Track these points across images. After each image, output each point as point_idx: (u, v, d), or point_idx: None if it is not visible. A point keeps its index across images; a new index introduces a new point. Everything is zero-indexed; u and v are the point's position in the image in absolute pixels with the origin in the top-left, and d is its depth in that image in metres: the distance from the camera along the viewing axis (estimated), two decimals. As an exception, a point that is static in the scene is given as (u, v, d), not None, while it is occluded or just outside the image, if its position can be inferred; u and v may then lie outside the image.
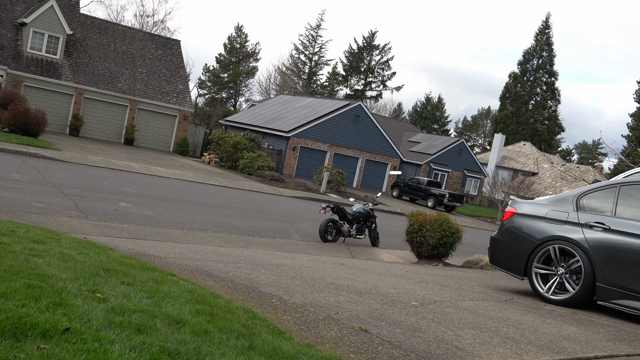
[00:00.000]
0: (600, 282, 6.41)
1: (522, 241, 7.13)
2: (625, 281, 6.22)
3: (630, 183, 6.67)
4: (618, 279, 6.28)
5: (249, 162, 32.25)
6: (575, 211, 6.86)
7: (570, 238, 6.65)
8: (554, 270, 6.85)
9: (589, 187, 7.05)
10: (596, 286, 6.45)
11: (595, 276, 6.43)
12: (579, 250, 6.56)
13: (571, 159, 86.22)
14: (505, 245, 7.41)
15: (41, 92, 32.85)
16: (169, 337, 3.65)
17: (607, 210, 6.62)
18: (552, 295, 6.81)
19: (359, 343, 4.37)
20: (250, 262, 7.81)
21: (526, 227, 7.15)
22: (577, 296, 6.58)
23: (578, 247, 6.57)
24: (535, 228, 7.05)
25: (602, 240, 6.44)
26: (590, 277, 6.44)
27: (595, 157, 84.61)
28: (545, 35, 69.28)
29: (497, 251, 7.54)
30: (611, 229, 6.43)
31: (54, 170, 17.74)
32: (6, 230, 6.87)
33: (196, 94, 69.30)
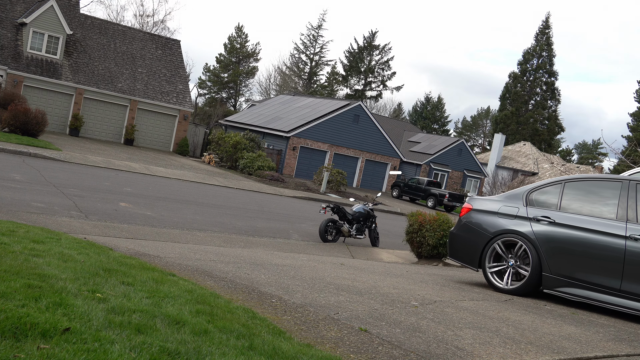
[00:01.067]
0: (546, 271, 6.89)
1: (477, 235, 7.55)
2: (569, 270, 6.73)
3: (574, 179, 7.23)
4: (562, 269, 6.78)
5: (249, 162, 32.25)
6: (524, 206, 7.32)
7: (520, 231, 7.12)
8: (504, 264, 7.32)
9: (537, 183, 7.56)
10: (543, 276, 6.92)
11: (542, 266, 6.91)
12: (527, 242, 7.03)
13: (571, 159, 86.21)
14: (462, 239, 7.83)
15: (41, 92, 32.85)
16: (169, 337, 3.65)
17: (553, 205, 7.14)
18: (500, 283, 7.30)
19: (359, 343, 4.37)
20: (250, 262, 7.81)
21: (481, 221, 7.59)
22: (524, 285, 7.04)
23: (526, 240, 7.04)
24: (489, 222, 7.50)
25: (548, 233, 6.93)
26: (537, 267, 6.92)
27: (595, 157, 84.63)
28: (545, 35, 69.28)
29: (455, 245, 7.96)
30: (556, 222, 6.93)
31: (54, 170, 17.75)
32: (6, 230, 6.87)
33: (196, 94, 69.36)
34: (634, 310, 6.33)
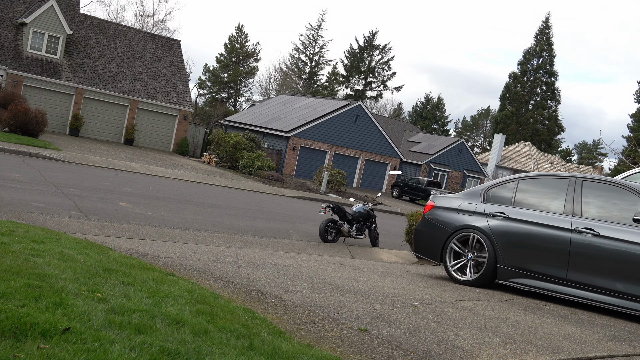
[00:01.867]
0: (501, 264, 7.34)
1: (438, 230, 7.99)
2: (521, 262, 7.17)
3: (527, 177, 7.75)
4: (515, 261, 7.22)
5: (249, 162, 32.25)
6: (482, 203, 7.77)
7: (477, 226, 7.58)
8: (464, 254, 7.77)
9: (495, 181, 8.04)
10: (498, 268, 7.37)
11: (497, 259, 7.36)
12: (482, 235, 7.48)
13: (571, 159, 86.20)
14: (425, 235, 8.26)
15: (41, 92, 32.85)
16: (169, 337, 3.65)
17: (507, 201, 7.60)
18: (459, 275, 7.77)
19: (359, 343, 4.37)
20: (250, 262, 7.81)
21: (442, 218, 8.03)
22: (481, 277, 7.50)
23: (483, 234, 7.47)
24: (449, 218, 7.94)
25: (502, 228, 7.37)
26: (492, 259, 7.36)
27: (595, 157, 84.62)
28: (545, 35, 69.29)
29: (419, 240, 8.39)
30: (509, 217, 7.37)
31: (54, 170, 17.75)
32: (6, 230, 6.87)
33: (196, 94, 69.38)
34: (578, 298, 6.77)
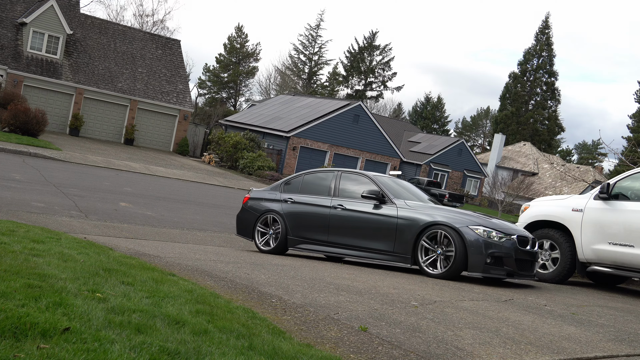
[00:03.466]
0: (289, 235, 9.60)
1: (251, 214, 10.18)
2: (302, 232, 9.50)
3: (309, 172, 10.26)
4: (298, 232, 9.53)
5: (249, 162, 32.25)
6: (281, 193, 10.05)
7: (275, 209, 9.85)
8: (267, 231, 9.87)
9: (291, 176, 10.40)
10: (287, 238, 9.62)
11: (287, 232, 9.59)
12: (278, 215, 9.75)
13: (571, 159, 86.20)
14: (242, 220, 10.38)
15: (41, 92, 32.85)
16: (168, 337, 3.65)
17: (296, 189, 9.97)
18: (264, 247, 9.85)
19: (359, 343, 4.37)
20: (250, 261, 7.81)
21: (254, 205, 10.26)
22: (277, 246, 9.67)
23: (277, 214, 9.77)
24: (259, 205, 10.17)
25: (290, 209, 9.70)
26: (284, 232, 9.62)
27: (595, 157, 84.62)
28: (545, 35, 69.28)
29: (239, 224, 10.49)
30: (295, 201, 9.73)
31: (54, 170, 17.75)
32: (6, 230, 6.87)
33: (196, 94, 69.35)
34: (335, 253, 9.32)
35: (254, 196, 10.42)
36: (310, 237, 9.40)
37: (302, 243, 9.48)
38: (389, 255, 8.58)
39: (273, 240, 9.74)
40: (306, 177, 10.06)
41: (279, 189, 10.15)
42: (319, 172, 10.17)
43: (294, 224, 9.56)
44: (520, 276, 8.30)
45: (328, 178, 9.71)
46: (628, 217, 8.44)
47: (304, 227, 9.46)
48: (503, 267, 8.01)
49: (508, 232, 8.16)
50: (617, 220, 8.55)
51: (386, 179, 9.61)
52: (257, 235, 9.96)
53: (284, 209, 9.71)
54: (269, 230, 9.84)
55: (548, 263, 9.37)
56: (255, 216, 10.04)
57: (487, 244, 7.86)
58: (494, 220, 8.53)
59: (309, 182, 9.92)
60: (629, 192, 8.70)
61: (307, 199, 9.60)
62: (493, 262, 7.91)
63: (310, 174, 10.17)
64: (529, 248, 8.32)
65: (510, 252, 8.00)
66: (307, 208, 9.51)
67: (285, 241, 9.61)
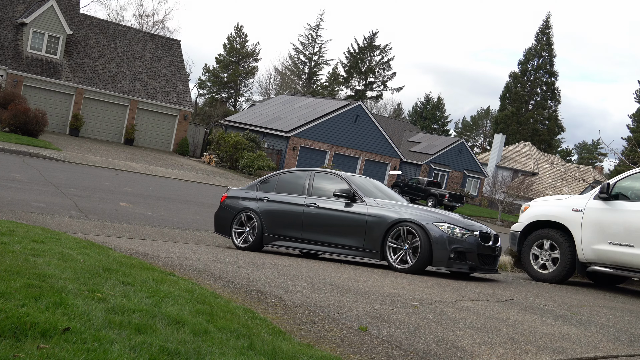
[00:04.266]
0: (265, 232, 9.92)
1: (229, 213, 10.48)
2: (277, 230, 9.82)
3: (284, 172, 10.61)
4: (274, 229, 9.84)
5: (249, 162, 32.25)
6: (257, 192, 10.37)
7: (251, 207, 10.18)
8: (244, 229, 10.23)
9: (266, 176, 10.69)
10: (263, 236, 9.92)
11: (263, 229, 9.91)
12: (254, 214, 10.07)
13: (571, 159, 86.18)
14: (220, 217, 10.67)
15: (41, 92, 32.85)
16: (168, 337, 3.65)
17: (272, 189, 10.28)
18: (241, 244, 10.10)
19: (359, 343, 4.37)
20: (250, 261, 7.81)
21: (232, 204, 10.56)
22: (253, 243, 9.97)
23: (254, 212, 10.09)
24: (236, 204, 10.48)
25: (266, 207, 10.03)
26: (260, 230, 9.94)
27: (595, 157, 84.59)
28: (545, 35, 69.27)
29: (217, 222, 10.77)
30: (270, 199, 10.05)
31: (54, 170, 17.75)
32: (6, 230, 6.87)
33: (196, 94, 69.35)
34: (308, 250, 9.61)
35: (232, 195, 10.75)
36: (285, 235, 9.72)
37: (278, 240, 9.79)
38: (359, 251, 8.95)
39: (249, 237, 10.07)
40: (281, 177, 10.40)
41: (256, 188, 10.49)
42: (293, 172, 10.53)
43: (269, 221, 9.89)
44: (483, 270, 8.70)
45: (302, 177, 10.07)
46: (628, 217, 8.44)
47: (279, 224, 9.80)
48: (466, 262, 8.43)
49: (471, 228, 8.60)
50: (617, 220, 8.55)
51: (358, 179, 10.01)
52: (234, 233, 10.28)
53: (260, 208, 10.06)
54: (245, 228, 10.18)
55: (548, 263, 9.36)
56: (233, 214, 10.36)
57: (451, 239, 8.30)
58: (458, 217, 8.97)
59: (284, 181, 10.27)
60: (629, 192, 8.69)
61: (282, 198, 9.95)
62: (456, 256, 8.33)
63: (286, 173, 10.54)
64: (490, 244, 8.78)
65: (472, 248, 8.42)
66: (282, 206, 9.87)
67: (261, 238, 9.93)
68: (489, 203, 49.95)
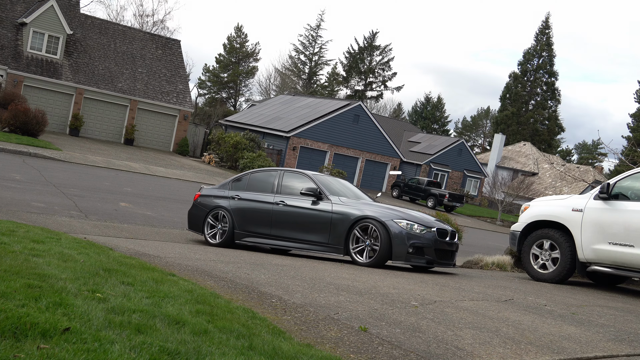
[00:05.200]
0: (236, 229, 10.27)
1: (201, 210, 10.81)
2: (247, 226, 10.20)
3: (255, 171, 11.02)
4: (244, 226, 10.22)
5: (249, 162, 32.25)
6: (229, 190, 10.76)
7: (223, 205, 10.53)
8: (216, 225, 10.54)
9: (238, 175, 11.07)
10: (234, 232, 10.28)
11: (234, 226, 10.28)
12: (225, 211, 10.41)
13: (571, 159, 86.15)
14: (194, 215, 10.96)
15: (41, 92, 32.85)
16: (168, 337, 3.65)
17: (243, 187, 10.67)
18: (212, 240, 10.45)
19: (359, 343, 4.37)
20: (250, 262, 7.81)
21: (205, 202, 10.90)
22: (225, 240, 10.30)
23: (225, 210, 10.43)
24: (209, 202, 10.82)
25: (237, 205, 10.41)
26: (232, 226, 10.28)
27: (594, 157, 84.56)
28: (545, 35, 69.26)
29: (190, 219, 11.08)
30: (241, 198, 10.44)
31: (54, 170, 17.75)
32: (6, 230, 6.87)
33: (196, 94, 69.35)
34: (277, 245, 9.97)
35: (204, 193, 11.12)
36: (255, 231, 10.12)
37: (248, 237, 10.19)
38: (325, 246, 9.41)
39: (221, 234, 10.41)
40: (252, 176, 10.84)
41: (228, 186, 10.91)
42: (264, 171, 10.97)
43: (240, 219, 10.27)
44: (440, 264, 9.27)
45: (272, 176, 10.52)
46: (628, 217, 8.44)
47: (250, 221, 10.19)
48: (424, 256, 8.99)
49: (429, 225, 9.13)
50: (617, 220, 8.55)
51: (324, 178, 10.52)
52: (207, 230, 10.60)
53: (232, 205, 10.44)
54: (217, 225, 10.52)
55: (548, 263, 9.36)
56: (205, 212, 10.70)
57: (410, 235, 8.81)
58: (417, 214, 9.53)
59: (255, 180, 10.68)
60: (629, 192, 8.69)
61: (252, 196, 10.35)
62: (414, 251, 8.86)
63: (256, 172, 10.99)
64: (448, 239, 9.31)
65: (430, 243, 8.96)
66: (252, 204, 10.27)
67: (232, 235, 10.30)
68: (489, 203, 49.95)
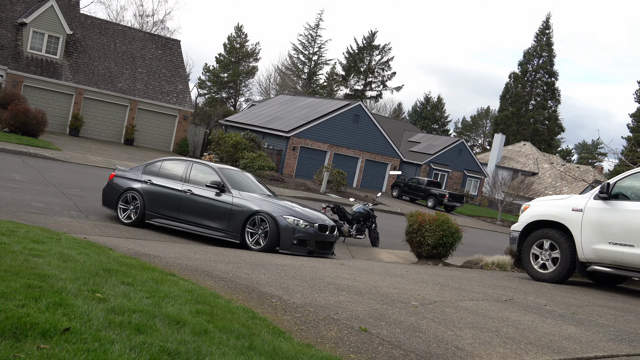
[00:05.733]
0: (147, 210, 11.23)
1: (115, 190, 11.71)
2: (157, 209, 11.18)
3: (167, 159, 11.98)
4: (154, 208, 11.21)
5: (249, 162, 32.24)
6: (142, 174, 11.70)
7: (136, 188, 11.47)
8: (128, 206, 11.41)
9: (151, 161, 11.96)
10: (145, 213, 11.25)
11: (145, 207, 11.24)
12: (138, 194, 11.36)
13: (571, 159, 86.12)
14: (108, 193, 11.90)
15: (41, 92, 32.84)
16: (169, 337, 3.65)
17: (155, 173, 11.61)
18: (125, 220, 11.28)
19: (359, 343, 4.37)
20: (250, 261, 7.81)
21: (119, 182, 11.81)
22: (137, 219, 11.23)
23: (138, 192, 11.37)
24: (123, 183, 11.73)
25: (148, 188, 11.39)
26: (142, 208, 11.26)
27: (594, 157, 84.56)
28: (545, 35, 69.24)
29: (105, 197, 11.97)
30: (152, 182, 11.42)
31: (54, 170, 17.75)
32: (6, 230, 6.87)
33: (196, 94, 69.30)
34: (183, 228, 10.97)
35: (119, 175, 12.02)
36: (164, 214, 11.17)
37: (158, 218, 11.18)
38: (224, 232, 10.67)
39: (133, 214, 11.32)
40: (164, 163, 11.82)
41: (140, 170, 11.87)
42: (175, 160, 12.08)
43: (151, 201, 11.25)
44: (320, 254, 10.78)
45: (182, 166, 11.61)
46: (628, 217, 8.43)
47: (160, 205, 11.21)
48: (306, 247, 10.56)
49: (312, 221, 10.71)
50: (617, 220, 8.55)
51: (231, 172, 11.69)
52: (120, 209, 11.49)
53: (144, 189, 11.41)
54: (129, 206, 11.41)
55: (548, 263, 9.36)
56: (119, 192, 11.60)
57: (295, 229, 10.38)
58: (305, 211, 11.01)
59: (167, 167, 11.69)
60: (629, 191, 8.69)
61: (163, 182, 11.37)
62: (298, 243, 10.46)
63: (168, 160, 11.99)
64: (327, 233, 10.93)
65: (311, 237, 10.58)
66: (163, 190, 11.28)
67: (143, 216, 11.26)
68: (489, 203, 49.95)
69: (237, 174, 11.87)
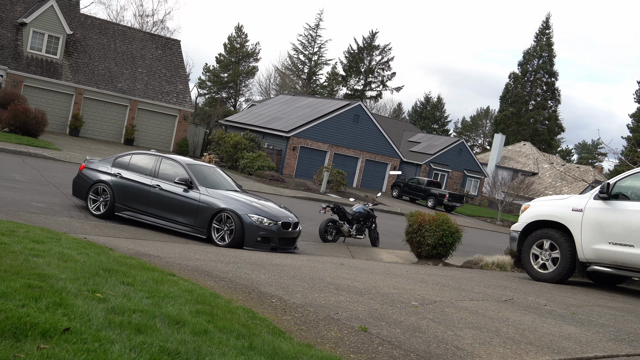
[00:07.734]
0: (116, 203, 11.41)
1: (85, 182, 11.89)
2: (127, 202, 11.38)
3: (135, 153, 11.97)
4: (124, 201, 11.39)
5: (249, 162, 32.24)
6: (112, 167, 11.84)
7: (105, 180, 11.65)
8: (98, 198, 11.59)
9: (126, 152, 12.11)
10: (115, 205, 11.45)
11: (115, 200, 11.45)
12: (107, 186, 11.54)
13: (571, 159, 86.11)
14: (78, 184, 12.08)
15: (41, 92, 32.83)
16: (169, 337, 3.65)
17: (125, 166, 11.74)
18: (95, 211, 11.49)
19: (359, 343, 4.37)
20: (250, 262, 7.81)
21: (89, 174, 11.98)
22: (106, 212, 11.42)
23: (107, 185, 11.55)
24: (93, 175, 11.89)
25: (118, 181, 11.56)
26: (112, 200, 11.46)
27: (594, 157, 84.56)
28: (545, 35, 69.25)
29: (75, 188, 12.21)
30: (122, 176, 11.58)
31: (54, 170, 17.74)
32: (6, 230, 6.87)
33: (196, 94, 69.31)
34: (151, 222, 11.18)
35: (89, 166, 12.18)
36: (133, 207, 11.39)
37: (127, 211, 11.40)
38: (191, 228, 10.93)
39: (103, 206, 11.53)
40: (134, 157, 11.95)
41: (110, 162, 12.02)
42: (144, 154, 12.09)
43: (120, 195, 11.47)
44: (282, 250, 11.03)
45: (152, 161, 11.76)
46: (628, 217, 8.43)
47: (129, 198, 11.42)
48: (269, 244, 10.84)
49: (276, 219, 10.98)
50: (617, 220, 8.54)
51: (200, 168, 11.88)
52: (90, 200, 11.68)
53: (114, 182, 11.59)
54: (99, 198, 11.62)
55: (548, 263, 9.36)
56: (89, 184, 11.78)
57: (259, 227, 10.69)
58: (269, 209, 11.25)
59: (136, 161, 11.84)
60: (629, 191, 8.69)
61: (133, 176, 11.54)
62: (262, 240, 10.75)
63: (138, 154, 12.08)
64: (290, 230, 11.18)
65: (274, 234, 10.84)
66: (133, 184, 11.47)
67: (112, 208, 11.46)
68: (489, 203, 49.93)
69: (207, 169, 12.08)
